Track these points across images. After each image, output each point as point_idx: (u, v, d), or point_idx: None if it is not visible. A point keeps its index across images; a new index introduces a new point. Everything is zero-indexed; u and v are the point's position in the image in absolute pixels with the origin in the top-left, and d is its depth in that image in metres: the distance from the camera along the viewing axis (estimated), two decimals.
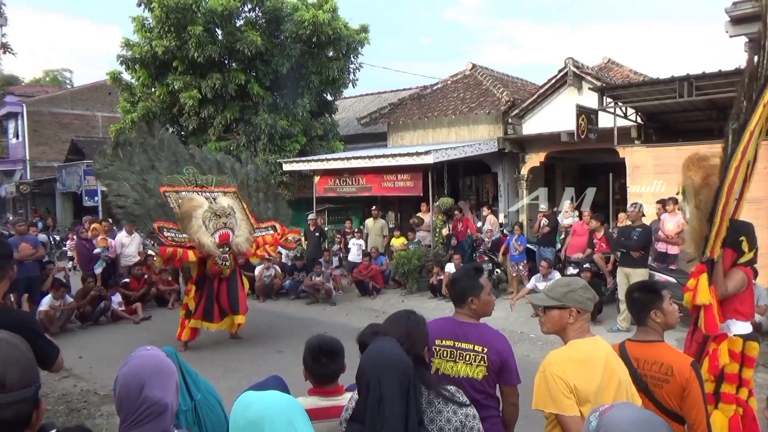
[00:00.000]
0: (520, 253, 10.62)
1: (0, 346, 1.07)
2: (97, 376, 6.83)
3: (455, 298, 2.81)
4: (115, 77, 16.22)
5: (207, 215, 7.76)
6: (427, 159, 11.47)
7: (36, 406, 1.10)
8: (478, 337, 2.69)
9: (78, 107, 28.47)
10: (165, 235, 7.70)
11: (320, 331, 8.12)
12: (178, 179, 8.30)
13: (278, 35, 15.63)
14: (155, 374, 1.74)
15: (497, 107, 13.42)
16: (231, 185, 8.80)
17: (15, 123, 28.56)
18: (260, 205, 8.95)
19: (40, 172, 27.25)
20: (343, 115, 20.12)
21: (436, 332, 2.67)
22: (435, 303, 10.71)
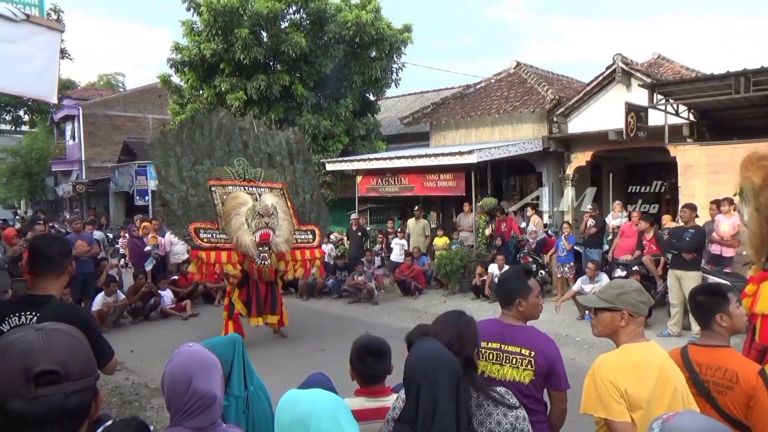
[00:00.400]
0: (568, 253, 10.39)
1: (62, 337, 1.11)
2: (148, 370, 7.05)
3: (502, 300, 2.76)
4: (165, 80, 16.73)
5: (250, 213, 7.87)
6: (470, 158, 11.37)
7: (95, 396, 1.13)
8: (526, 340, 2.64)
9: (130, 110, 29.53)
10: (200, 237, 7.79)
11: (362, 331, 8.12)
12: (227, 172, 8.41)
13: (322, 36, 15.80)
14: (201, 368, 1.79)
15: (542, 105, 13.18)
16: (279, 181, 8.86)
17: (72, 125, 29.84)
18: (305, 206, 9.00)
19: (95, 173, 28.38)
20: (386, 114, 20.17)
21: (482, 334, 2.61)
22: (477, 304, 10.61)
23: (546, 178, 13.44)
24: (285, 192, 8.80)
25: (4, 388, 1.04)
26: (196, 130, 8.42)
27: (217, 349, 2.46)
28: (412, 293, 11.51)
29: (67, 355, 1.09)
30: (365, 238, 13.11)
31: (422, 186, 12.94)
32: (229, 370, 2.50)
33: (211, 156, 8.40)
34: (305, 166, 9.37)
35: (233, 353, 2.55)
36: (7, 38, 2.71)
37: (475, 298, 11.00)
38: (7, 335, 1.11)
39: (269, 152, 9.02)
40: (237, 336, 2.66)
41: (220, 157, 8.48)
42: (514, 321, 2.71)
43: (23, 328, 1.12)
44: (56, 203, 33.84)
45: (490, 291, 10.61)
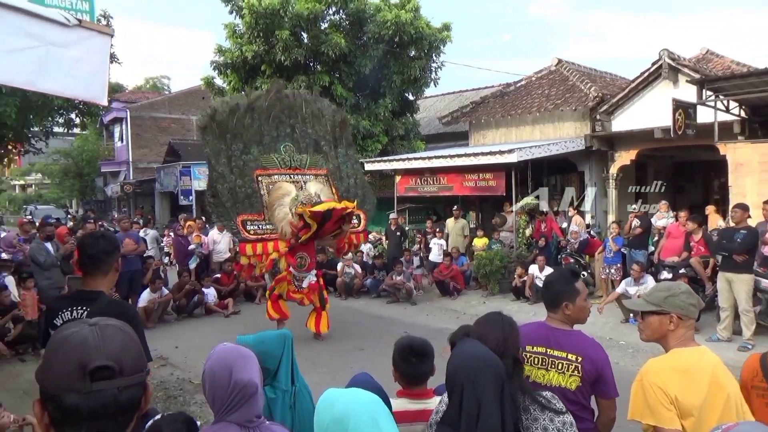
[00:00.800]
0: (615, 254, 10.13)
1: (115, 333, 1.14)
2: (192, 366, 7.22)
3: (548, 302, 2.69)
4: (209, 82, 17.12)
5: (293, 203, 8.00)
6: (511, 158, 11.22)
7: (145, 391, 1.16)
8: (572, 344, 2.56)
9: (175, 111, 30.34)
10: (247, 229, 7.99)
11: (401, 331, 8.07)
12: (273, 160, 8.54)
13: (361, 36, 15.87)
14: (239, 359, 1.84)
15: (584, 103, 12.90)
16: (323, 167, 8.94)
17: (120, 127, 30.89)
18: (350, 191, 9.06)
19: (141, 173, 29.28)
20: (425, 114, 20.10)
21: (526, 338, 2.57)
22: (517, 305, 10.46)
23: (588, 177, 13.14)
24: (329, 178, 8.90)
25: (61, 383, 1.07)
26: (246, 114, 8.53)
27: (267, 343, 2.52)
28: (450, 294, 11.44)
29: (120, 350, 1.11)
30: (404, 238, 13.10)
31: (461, 186, 12.84)
32: (277, 365, 2.54)
33: (260, 143, 8.53)
34: (347, 149, 9.40)
35: (283, 348, 2.60)
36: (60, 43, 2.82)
37: (515, 300, 10.85)
38: (61, 330, 1.14)
39: (315, 138, 9.07)
40: (287, 332, 2.71)
41: (267, 143, 8.60)
42: (560, 325, 2.64)
43: (77, 323, 1.15)
44: (105, 203, 35.07)
45: (531, 292, 10.45)
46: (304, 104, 9.08)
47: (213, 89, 17.30)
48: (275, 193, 8.19)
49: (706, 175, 15.01)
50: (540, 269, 10.46)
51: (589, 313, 2.74)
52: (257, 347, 2.51)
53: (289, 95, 9.13)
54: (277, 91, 8.97)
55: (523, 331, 2.58)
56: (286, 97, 9.02)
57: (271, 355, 2.54)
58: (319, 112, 9.22)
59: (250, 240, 8.04)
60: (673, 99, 10.35)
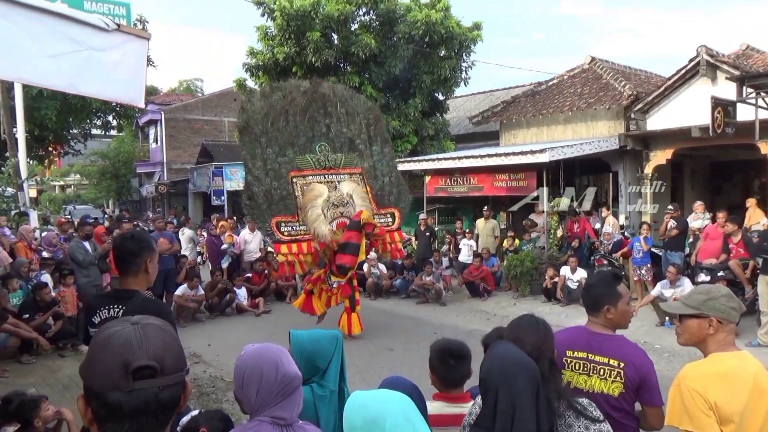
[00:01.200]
0: (644, 254, 9.93)
1: (157, 332, 1.16)
2: (224, 363, 7.33)
3: (589, 306, 2.62)
4: (241, 84, 17.36)
5: (325, 204, 8.09)
6: (542, 158, 11.08)
7: (184, 389, 1.18)
8: (615, 350, 2.50)
9: (208, 113, 30.87)
10: (281, 231, 8.12)
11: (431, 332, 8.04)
12: (308, 160, 8.63)
13: (391, 37, 15.88)
14: (283, 354, 1.89)
15: (618, 102, 12.66)
16: (358, 166, 8.97)
17: (155, 129, 31.57)
18: (384, 189, 9.07)
19: (175, 174, 29.88)
20: (455, 114, 20.00)
21: (567, 343, 2.53)
22: (548, 307, 10.33)
23: (622, 177, 12.90)
24: (364, 177, 8.93)
25: (105, 381, 1.10)
26: (281, 116, 8.64)
27: (321, 342, 2.56)
28: (480, 295, 11.36)
29: (162, 350, 1.14)
30: (433, 239, 13.06)
31: (492, 186, 12.75)
32: (327, 364, 2.57)
33: (294, 144, 8.63)
34: (382, 147, 9.36)
35: (334, 348, 2.62)
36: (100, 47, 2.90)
37: (546, 302, 10.72)
38: (104, 329, 1.17)
39: (350, 136, 9.11)
40: (338, 333, 2.74)
41: (302, 144, 8.69)
42: (601, 329, 2.57)
43: (119, 322, 1.18)
44: (140, 203, 35.90)
45: (562, 294, 10.31)
46: (339, 103, 9.12)
47: (245, 91, 17.53)
48: (308, 195, 8.28)
49: (745, 175, 14.58)
50: (572, 271, 10.32)
51: (632, 318, 2.67)
52: (311, 345, 2.54)
53: (326, 93, 9.16)
54: (314, 90, 9.03)
55: (564, 336, 2.55)
56: (322, 96, 9.06)
57: (323, 355, 2.57)
58: (353, 110, 9.24)
59: (284, 241, 8.17)
60: (711, 97, 10.07)
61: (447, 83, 16.31)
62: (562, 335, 2.61)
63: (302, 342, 2.55)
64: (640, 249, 10.00)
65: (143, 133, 34.87)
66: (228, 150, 25.13)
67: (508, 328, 2.27)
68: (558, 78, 15.77)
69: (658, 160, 12.42)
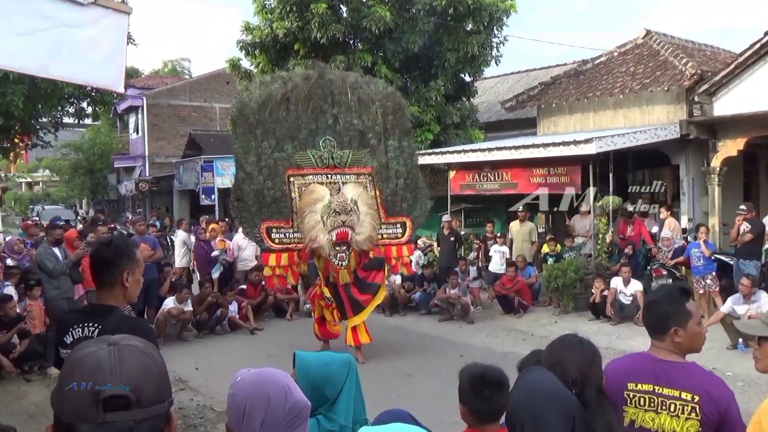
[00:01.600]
0: (706, 261, 9.82)
1: (135, 356, 1.16)
2: (214, 390, 7.36)
3: (653, 328, 2.57)
4: (234, 64, 17.48)
5: (326, 211, 8.14)
6: (588, 149, 11.02)
7: (168, 423, 1.17)
8: (687, 380, 2.44)
9: (196, 98, 31.16)
10: (272, 238, 8.28)
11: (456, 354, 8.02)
12: (309, 157, 8.69)
13: (409, 9, 15.89)
14: (290, 380, 1.90)
15: (679, 82, 12.54)
16: (367, 166, 9.00)
17: (135, 117, 31.94)
18: (397, 193, 9.09)
19: (158, 169, 30.18)
20: (484, 98, 19.94)
21: (628, 373, 2.50)
22: (596, 326, 10.25)
23: (684, 171, 12.77)
24: (373, 178, 8.95)
25: (73, 410, 1.10)
26: (281, 105, 8.69)
27: (332, 366, 2.56)
28: (515, 311, 11.31)
29: (139, 377, 1.13)
30: (459, 245, 13.04)
31: (528, 182, 12.70)
32: (337, 393, 2.56)
33: (295, 138, 8.70)
34: (399, 141, 9.28)
35: (346, 376, 2.62)
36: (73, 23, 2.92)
37: (594, 319, 10.64)
38: (77, 350, 1.17)
39: (361, 129, 9.11)
40: (351, 358, 2.73)
41: (304, 138, 8.75)
42: (668, 355, 2.51)
43: (96, 342, 1.18)
44: (118, 202, 36.33)
45: (612, 310, 10.23)
46: (350, 90, 9.11)
47: (239, 72, 17.65)
48: (306, 198, 8.35)
49: None
50: (625, 283, 10.24)
51: (704, 340, 2.61)
52: (320, 370, 2.54)
53: (334, 79, 9.18)
54: (320, 75, 9.06)
55: (624, 365, 2.52)
56: (329, 82, 9.08)
57: (333, 382, 2.56)
58: (368, 97, 9.19)
59: (275, 250, 8.28)
60: None
61: (475, 62, 16.26)
62: (620, 364, 2.58)
63: (310, 366, 2.55)
64: (700, 255, 9.88)
65: (122, 122, 35.28)
66: (219, 141, 25.32)
67: (547, 350, 2.25)
68: (607, 55, 15.66)
69: (727, 152, 12.26)
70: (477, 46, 15.80)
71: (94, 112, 18.28)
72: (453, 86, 16.41)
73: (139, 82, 34.38)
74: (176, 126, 30.78)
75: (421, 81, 16.10)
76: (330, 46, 15.42)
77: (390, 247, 8.90)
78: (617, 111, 13.80)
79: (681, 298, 2.55)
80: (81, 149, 35.26)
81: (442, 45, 15.89)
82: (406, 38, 15.43)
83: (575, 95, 14.36)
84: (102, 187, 37.09)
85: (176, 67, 50.15)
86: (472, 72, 16.96)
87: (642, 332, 2.98)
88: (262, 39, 16.03)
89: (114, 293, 2.70)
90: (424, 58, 15.98)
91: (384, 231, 8.81)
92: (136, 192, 30.10)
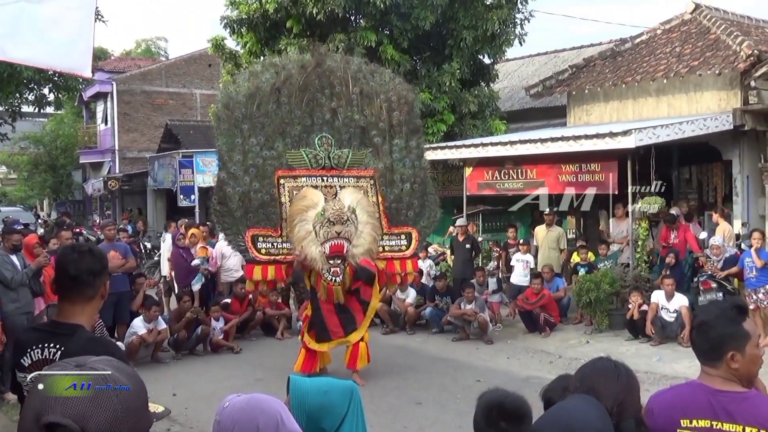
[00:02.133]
0: (760, 273, 9.80)
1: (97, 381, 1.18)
2: (194, 419, 7.40)
3: (706, 354, 2.54)
4: (218, 44, 17.54)
5: (318, 220, 8.17)
6: (626, 142, 11.01)
7: None
8: (751, 413, 2.41)
9: (173, 84, 31.24)
10: (258, 248, 8.36)
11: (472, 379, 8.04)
12: (302, 157, 8.76)
13: None
14: (283, 409, 1.94)
15: (733, 65, 12.54)
16: (369, 168, 9.05)
17: (104, 105, 32.01)
18: (402, 200, 9.13)
19: (130, 165, 30.27)
20: (506, 83, 19.97)
21: (680, 408, 2.48)
22: (635, 346, 10.25)
23: (738, 168, 12.76)
24: (376, 182, 8.99)
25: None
26: (272, 96, 8.75)
27: (331, 394, 2.55)
28: (540, 329, 11.32)
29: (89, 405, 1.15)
30: (475, 253, 13.06)
31: (556, 181, 12.70)
32: (336, 426, 2.55)
33: (286, 134, 8.77)
34: (407, 140, 9.33)
35: (348, 405, 2.60)
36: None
37: (632, 339, 10.64)
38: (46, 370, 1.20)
39: (363, 125, 9.16)
40: (354, 385, 2.71)
41: (297, 135, 8.83)
42: (724, 384, 2.48)
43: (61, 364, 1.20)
44: (84, 203, 36.45)
45: (653, 329, 10.22)
46: (351, 81, 9.15)
47: (223, 54, 17.70)
48: (297, 204, 8.41)
49: None
50: (667, 297, 10.23)
51: (761, 364, 2.59)
52: (318, 398, 2.52)
53: (334, 66, 9.22)
54: (318, 64, 9.10)
55: (674, 398, 2.50)
56: (329, 70, 9.12)
57: (332, 412, 2.51)
58: (372, 89, 9.23)
59: (260, 261, 8.33)
60: None
61: (495, 42, 16.27)
62: (668, 397, 2.55)
63: (306, 393, 2.54)
64: (753, 266, 9.87)
65: (89, 111, 35.40)
66: (200, 133, 25.39)
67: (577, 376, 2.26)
68: (649, 33, 15.70)
69: None
70: (498, 22, 15.81)
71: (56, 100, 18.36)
72: (470, 69, 16.43)
73: (108, 65, 34.49)
74: (150, 115, 30.87)
75: (432, 64, 16.12)
76: (328, 24, 15.46)
77: (392, 261, 8.94)
78: (660, 98, 13.80)
79: (738, 317, 2.51)
80: (42, 142, 35.41)
81: (457, 22, 15.90)
82: (415, 14, 15.45)
83: (611, 80, 14.36)
84: (66, 186, 37.23)
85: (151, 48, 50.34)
86: (492, 53, 16.97)
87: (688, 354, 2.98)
88: (249, 15, 16.09)
89: (84, 310, 2.69)
90: (436, 36, 16.00)
91: (386, 243, 8.86)
92: (105, 191, 30.19)
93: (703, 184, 14.50)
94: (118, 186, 28.89)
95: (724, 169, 13.41)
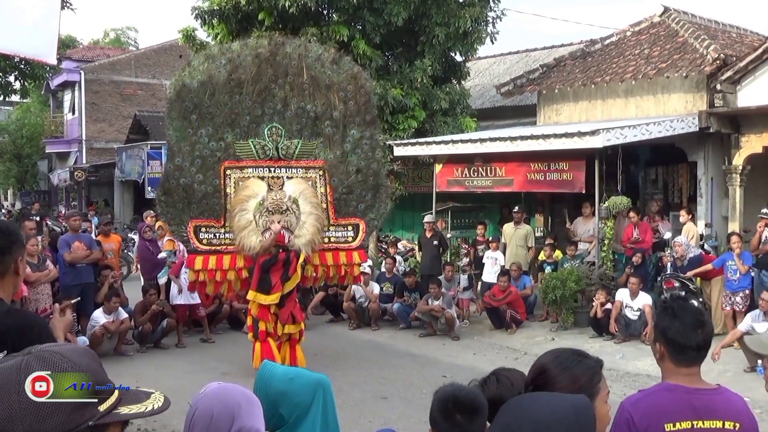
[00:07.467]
0: (742, 277, 10.00)
1: None
2: (159, 415, 7.32)
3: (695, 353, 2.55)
4: (188, 35, 17.37)
5: (258, 209, 8.28)
6: (594, 142, 11.12)
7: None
8: (726, 408, 2.47)
9: (143, 74, 30.88)
10: (199, 238, 8.44)
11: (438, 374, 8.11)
12: (249, 148, 8.76)
13: None
14: (245, 403, 1.93)
15: (700, 68, 12.71)
16: (318, 159, 9.06)
17: (71, 94, 31.55)
18: (353, 192, 9.17)
19: (98, 156, 29.89)
20: (477, 81, 20.05)
21: (663, 413, 2.49)
22: (599, 344, 10.39)
23: (703, 170, 12.95)
24: (325, 173, 9.01)
25: None
26: (225, 87, 8.74)
27: (295, 382, 2.53)
28: (506, 326, 11.41)
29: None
30: (444, 249, 13.10)
31: (525, 179, 12.78)
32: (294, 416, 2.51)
33: (236, 124, 8.78)
34: (363, 131, 9.36)
35: (312, 398, 2.58)
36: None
37: (596, 336, 10.78)
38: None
39: (315, 114, 9.14)
40: (326, 379, 2.69)
41: (246, 125, 8.83)
42: (700, 383, 2.54)
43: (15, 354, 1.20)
44: (50, 194, 35.88)
45: (617, 326, 10.35)
46: (304, 68, 9.10)
47: (194, 45, 17.53)
48: (239, 194, 8.48)
49: None
50: (632, 295, 10.36)
51: None
52: (281, 384, 2.51)
53: (290, 53, 9.17)
54: (272, 52, 9.07)
55: (655, 403, 2.51)
56: (285, 58, 9.08)
57: (291, 400, 2.49)
58: (328, 78, 9.21)
59: (201, 252, 8.41)
60: None
61: (467, 39, 16.31)
62: (647, 402, 2.55)
63: (272, 376, 2.52)
64: (737, 269, 10.03)
65: (56, 100, 34.87)
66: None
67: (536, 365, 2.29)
68: (618, 34, 15.85)
69: (752, 148, 12.45)
70: (470, 20, 15.85)
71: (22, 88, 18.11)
72: (442, 66, 16.45)
73: (76, 54, 33.98)
74: (119, 106, 30.50)
75: (404, 60, 16.11)
76: (300, 17, 15.38)
77: (338, 253, 8.98)
78: (628, 99, 13.94)
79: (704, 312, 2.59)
80: (6, 131, 34.83)
81: (429, 18, 15.91)
82: (388, 9, 15.43)
83: (581, 80, 14.46)
84: (31, 176, 36.68)
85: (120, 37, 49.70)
86: (464, 51, 16.99)
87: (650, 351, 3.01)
88: (221, 6, 15.95)
89: (3, 282, 2.69)
90: (408, 33, 15.99)
91: (332, 234, 8.91)
92: (71, 182, 29.79)
93: (669, 184, 14.67)
94: (84, 177, 28.52)
95: (690, 171, 13.57)
